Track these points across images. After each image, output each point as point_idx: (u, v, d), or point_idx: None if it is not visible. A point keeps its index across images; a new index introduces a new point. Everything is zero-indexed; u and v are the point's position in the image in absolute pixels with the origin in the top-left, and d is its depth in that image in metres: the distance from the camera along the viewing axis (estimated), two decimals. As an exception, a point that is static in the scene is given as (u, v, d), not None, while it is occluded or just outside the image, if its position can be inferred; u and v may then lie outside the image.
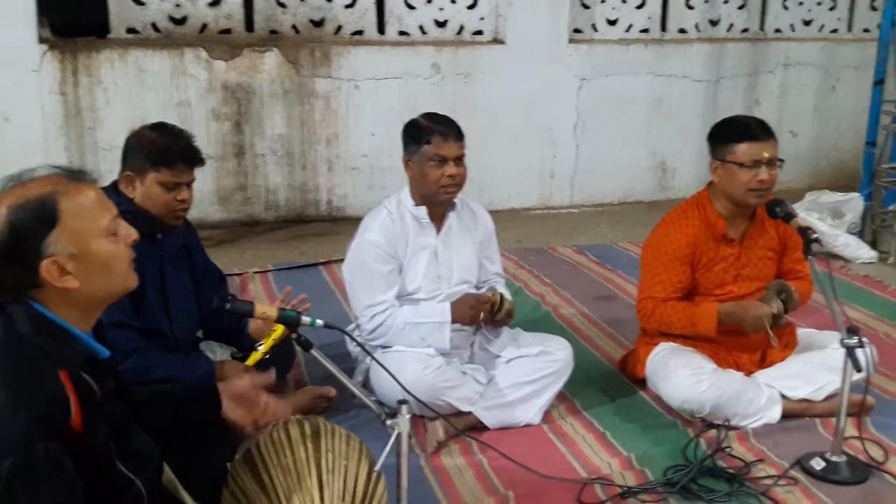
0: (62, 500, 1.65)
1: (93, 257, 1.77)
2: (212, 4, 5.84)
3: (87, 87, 5.51)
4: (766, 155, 3.21)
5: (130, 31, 5.69)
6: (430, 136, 3.16)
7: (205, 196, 5.85)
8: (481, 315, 3.19)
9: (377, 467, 2.18)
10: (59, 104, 5.48)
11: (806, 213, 5.50)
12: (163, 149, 2.83)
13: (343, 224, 5.91)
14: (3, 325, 1.74)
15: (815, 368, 3.32)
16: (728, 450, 3.07)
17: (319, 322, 2.23)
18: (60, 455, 1.65)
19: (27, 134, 5.39)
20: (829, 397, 3.26)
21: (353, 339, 2.51)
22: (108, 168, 5.58)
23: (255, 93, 5.89)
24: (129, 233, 1.87)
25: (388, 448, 2.14)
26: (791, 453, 3.04)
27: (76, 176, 1.82)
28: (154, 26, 5.74)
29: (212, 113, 5.83)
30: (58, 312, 1.76)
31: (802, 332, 3.55)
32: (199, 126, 5.68)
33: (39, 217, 1.71)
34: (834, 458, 2.94)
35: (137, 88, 5.62)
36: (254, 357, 2.23)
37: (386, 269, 3.20)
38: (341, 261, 3.51)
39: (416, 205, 3.28)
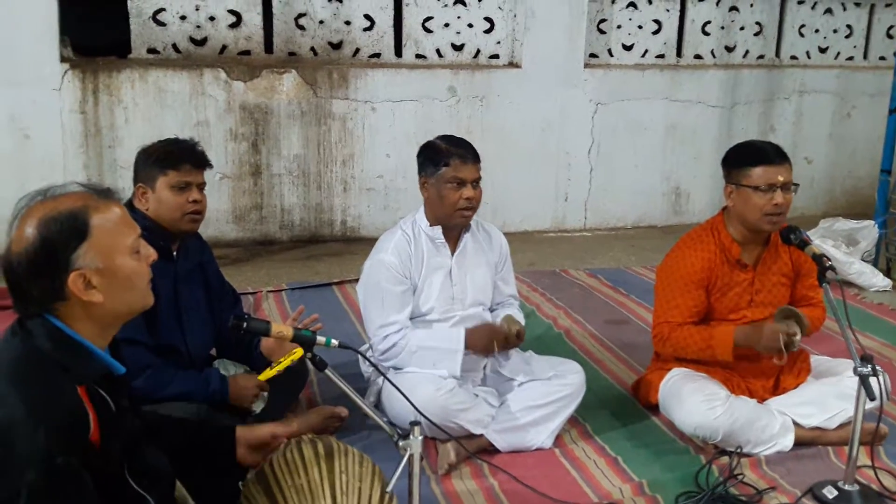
0: None
1: (118, 273, 1.80)
2: (232, 26, 5.91)
3: (107, 105, 5.58)
4: (780, 179, 3.21)
5: (151, 51, 5.77)
6: (448, 158, 3.18)
7: (221, 215, 5.90)
8: (496, 346, 3.20)
9: (389, 488, 2.18)
10: (80, 122, 5.54)
11: (820, 240, 5.49)
12: (168, 153, 2.93)
13: (357, 244, 5.95)
14: (22, 341, 1.76)
15: (828, 396, 3.30)
16: (740, 477, 3.05)
17: (334, 342, 2.25)
18: (79, 469, 1.66)
19: (47, 151, 5.47)
20: (843, 425, 3.25)
21: (367, 359, 2.53)
22: (126, 185, 5.61)
23: (273, 113, 5.95)
24: (149, 252, 1.90)
25: (399, 469, 2.15)
26: (803, 481, 3.02)
27: (104, 193, 1.85)
28: (175, 47, 5.82)
29: (229, 133, 5.89)
30: (77, 328, 1.79)
31: (816, 360, 3.54)
32: (216, 146, 5.76)
33: (71, 230, 1.75)
34: (846, 487, 2.92)
35: (157, 108, 5.69)
36: (267, 374, 2.26)
37: (399, 289, 3.22)
38: (355, 281, 3.53)
39: (431, 225, 3.30)
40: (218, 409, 2.88)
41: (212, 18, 5.85)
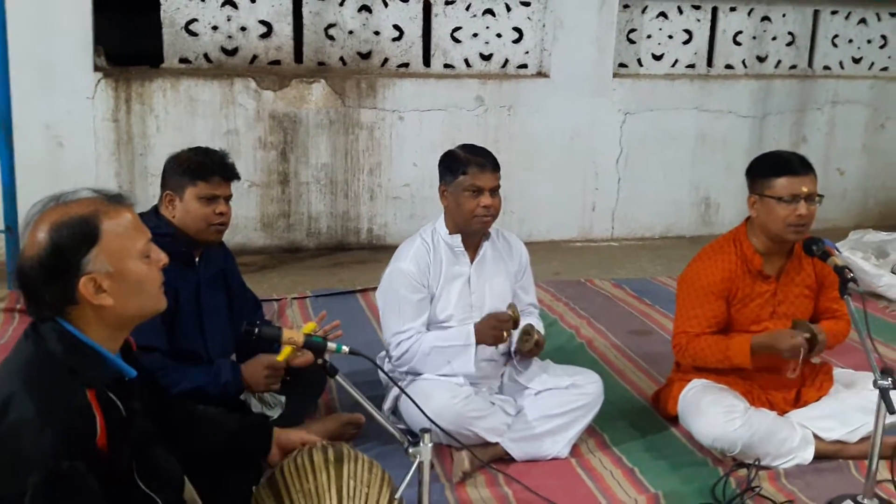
0: None
1: (128, 277, 1.83)
2: (263, 36, 5.99)
3: (139, 114, 5.68)
4: (805, 189, 3.18)
5: (183, 60, 5.86)
6: (466, 166, 3.20)
7: (249, 222, 5.97)
8: (504, 334, 3.20)
9: (398, 494, 2.20)
10: (112, 131, 5.65)
11: (850, 251, 5.42)
12: (199, 164, 2.96)
13: (383, 252, 5.96)
14: (34, 344, 1.80)
15: (849, 409, 3.26)
16: (758, 490, 3.02)
17: (345, 348, 2.27)
18: (85, 473, 1.69)
19: (80, 158, 5.57)
20: (864, 439, 3.20)
21: (379, 367, 2.54)
22: (156, 192, 5.71)
23: (302, 122, 6.02)
24: (160, 257, 1.93)
25: (409, 475, 2.17)
26: (822, 495, 2.99)
27: (115, 199, 1.89)
28: (206, 56, 5.91)
29: (258, 141, 5.96)
30: (88, 332, 1.82)
31: (839, 373, 3.50)
32: (245, 154, 5.83)
33: (82, 234, 1.78)
34: (865, 502, 2.88)
35: (188, 117, 5.77)
36: (284, 354, 2.31)
37: (416, 297, 3.24)
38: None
39: (451, 233, 3.32)
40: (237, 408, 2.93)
41: (243, 29, 5.93)
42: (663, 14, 6.86)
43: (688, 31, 6.95)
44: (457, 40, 6.40)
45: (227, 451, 2.34)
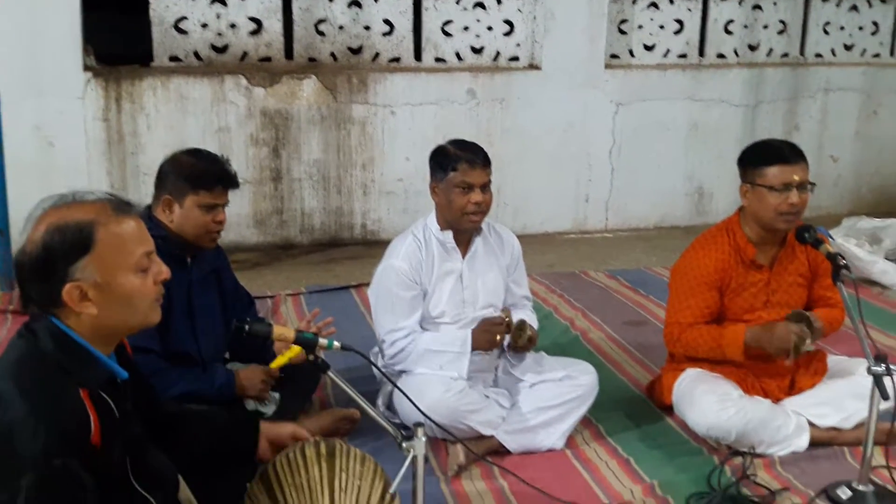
0: None
1: (117, 290, 1.81)
2: (253, 33, 5.97)
3: (129, 113, 5.66)
4: (796, 178, 3.18)
5: (173, 59, 5.84)
6: (456, 162, 3.19)
7: (241, 219, 5.96)
8: (498, 337, 3.20)
9: (392, 489, 2.19)
10: (103, 130, 5.63)
11: (843, 238, 5.42)
12: (203, 172, 2.92)
13: (377, 247, 5.93)
14: (27, 342, 1.79)
15: (844, 396, 3.27)
16: (753, 477, 3.03)
17: (336, 344, 2.26)
18: (79, 471, 1.69)
19: (71, 158, 5.55)
20: (859, 425, 3.21)
21: (372, 363, 2.54)
22: (148, 192, 5.66)
23: (293, 119, 6.00)
24: (161, 270, 1.90)
25: (403, 470, 2.16)
26: (818, 482, 3.00)
27: (122, 207, 1.86)
28: (196, 54, 5.89)
29: (250, 138, 5.95)
30: (81, 333, 1.81)
31: (833, 360, 3.50)
32: (237, 151, 5.81)
33: (74, 242, 1.77)
34: (861, 488, 2.89)
35: (179, 115, 5.76)
36: (279, 361, 2.27)
37: (409, 295, 3.23)
38: (372, 284, 3.54)
39: (442, 230, 3.31)
40: (229, 408, 2.92)
41: (233, 26, 5.91)
42: (654, 4, 6.85)
43: (679, 21, 6.93)
44: (447, 34, 6.39)
45: (216, 449, 2.33)
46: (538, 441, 3.23)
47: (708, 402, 3.19)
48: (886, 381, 2.76)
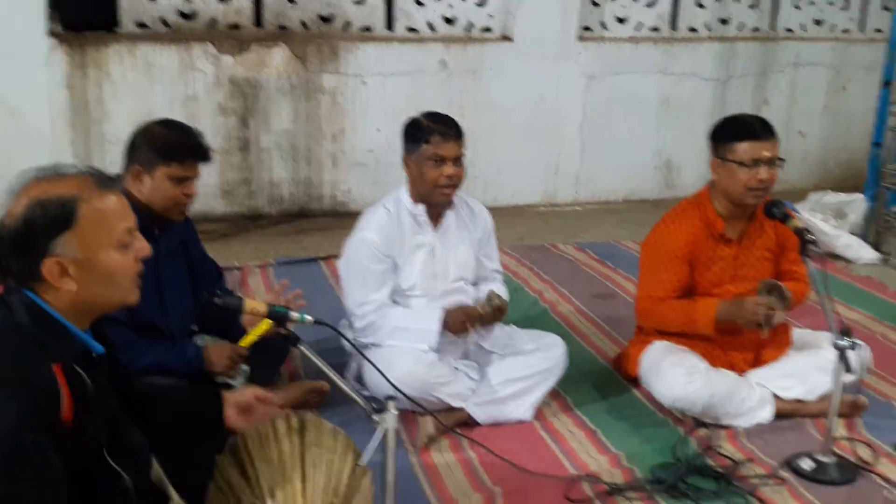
0: (45, 494, 1.67)
1: (97, 266, 1.78)
2: (222, 0, 5.88)
3: (94, 80, 5.56)
4: (766, 154, 3.20)
5: (140, 25, 5.73)
6: (429, 135, 3.16)
7: (209, 189, 5.89)
8: (469, 327, 3.22)
9: (363, 462, 2.20)
10: (67, 98, 5.52)
11: (809, 213, 5.49)
12: (175, 144, 2.88)
13: (346, 219, 5.89)
14: (1, 315, 1.77)
15: (808, 369, 3.32)
16: (718, 449, 3.07)
17: (308, 318, 2.25)
18: (47, 448, 1.66)
19: (35, 127, 5.43)
20: (822, 398, 3.26)
21: (343, 336, 2.54)
22: (113, 160, 5.60)
23: (262, 88, 5.93)
24: (142, 247, 1.88)
25: (373, 443, 2.16)
26: (781, 453, 3.05)
27: (105, 182, 1.83)
28: (163, 21, 5.79)
29: (218, 107, 5.86)
30: (57, 307, 1.79)
31: (797, 333, 3.55)
32: (205, 120, 5.72)
33: (55, 217, 1.74)
34: (823, 459, 2.95)
35: (145, 83, 5.66)
36: (248, 339, 2.27)
37: (380, 268, 3.23)
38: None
39: (414, 202, 3.29)
40: (198, 383, 2.90)
41: (200, -8, 5.81)
42: (627, -24, 6.83)
43: (651, -7, 6.93)
44: (420, 3, 6.33)
45: (182, 421, 2.30)
46: (507, 413, 3.25)
47: (675, 374, 3.23)
48: (851, 354, 2.81)
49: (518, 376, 3.26)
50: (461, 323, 3.20)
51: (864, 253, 5.40)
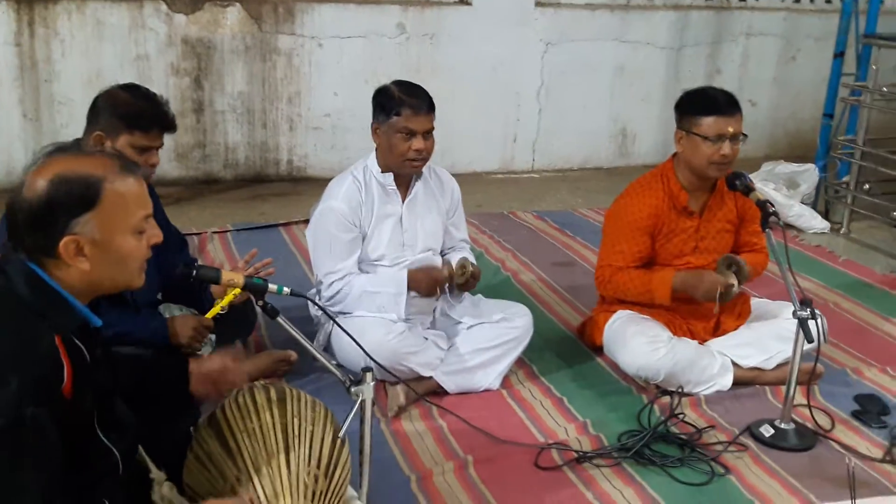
0: (42, 468, 1.65)
1: (113, 249, 1.77)
2: (173, -44, 5.71)
3: (43, 38, 5.38)
4: (730, 130, 3.26)
5: (88, -19, 5.55)
6: (400, 107, 3.13)
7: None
8: (438, 291, 3.22)
9: (341, 433, 2.20)
10: (14, 56, 5.34)
11: (762, 182, 5.59)
12: (140, 112, 2.80)
13: (304, 184, 5.88)
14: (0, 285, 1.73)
15: (766, 338, 3.40)
16: (681, 416, 3.14)
17: (286, 290, 2.24)
18: (47, 423, 1.65)
19: (-20, 85, 5.27)
20: (780, 366, 3.36)
21: (318, 305, 2.52)
22: (63, 121, 5.50)
23: (216, 48, 5.80)
24: (156, 234, 1.87)
25: (351, 414, 2.17)
26: (741, 420, 3.13)
27: (129, 166, 1.82)
28: (113, -23, 5.61)
29: (171, 68, 5.73)
30: (60, 281, 1.76)
31: (756, 302, 3.63)
32: (157, 81, 5.59)
33: (80, 196, 1.72)
34: (782, 426, 3.04)
35: (95, 41, 5.50)
36: (213, 311, 2.28)
37: (348, 237, 3.21)
38: (303, 223, 3.51)
39: (383, 171, 3.27)
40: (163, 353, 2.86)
41: (152, -52, 5.64)
42: (585, -58, 6.81)
43: (609, -40, 6.92)
44: (377, -36, 6.24)
45: (149, 390, 2.28)
46: (475, 381, 3.28)
47: (638, 343, 3.29)
48: (811, 324, 2.88)
49: (486, 346, 3.28)
50: (433, 286, 3.20)
51: (814, 223, 5.54)
